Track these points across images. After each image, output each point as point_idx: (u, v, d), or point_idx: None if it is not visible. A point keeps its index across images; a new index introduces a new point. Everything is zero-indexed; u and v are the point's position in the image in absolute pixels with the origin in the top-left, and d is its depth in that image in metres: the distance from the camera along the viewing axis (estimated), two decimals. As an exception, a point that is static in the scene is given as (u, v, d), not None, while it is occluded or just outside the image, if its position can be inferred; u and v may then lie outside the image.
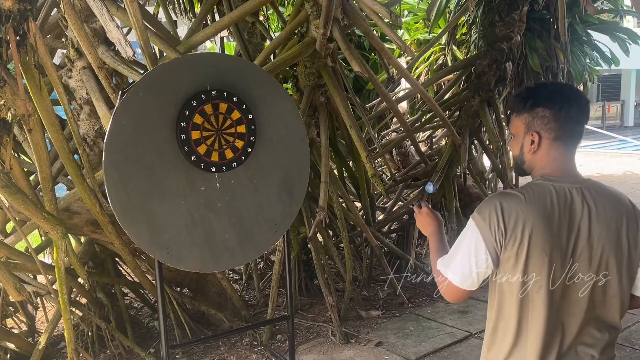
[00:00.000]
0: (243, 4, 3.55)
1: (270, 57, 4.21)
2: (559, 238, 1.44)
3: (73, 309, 3.63)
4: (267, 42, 5.14)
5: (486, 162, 6.71)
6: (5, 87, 2.16)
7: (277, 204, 2.39)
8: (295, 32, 4.04)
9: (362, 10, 3.63)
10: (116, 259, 4.02)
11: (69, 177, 3.42)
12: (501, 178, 5.67)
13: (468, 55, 6.02)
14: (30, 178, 3.42)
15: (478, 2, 5.34)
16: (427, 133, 6.43)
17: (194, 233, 2.19)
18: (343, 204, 4.50)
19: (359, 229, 4.80)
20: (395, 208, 5.74)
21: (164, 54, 3.61)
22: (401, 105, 6.52)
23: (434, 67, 6.80)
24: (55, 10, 3.60)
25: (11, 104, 2.22)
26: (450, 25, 5.84)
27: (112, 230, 3.12)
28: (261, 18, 5.42)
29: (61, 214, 2.97)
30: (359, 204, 5.12)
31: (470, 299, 4.52)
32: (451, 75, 5.96)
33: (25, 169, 3.35)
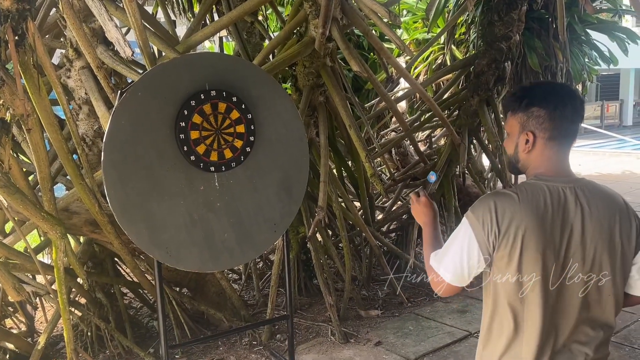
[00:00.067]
0: (242, 4, 3.55)
1: (269, 57, 4.21)
2: (552, 237, 1.45)
3: (72, 309, 3.63)
4: (266, 41, 5.14)
5: (485, 161, 6.72)
6: (4, 87, 2.16)
7: (276, 204, 2.39)
8: (294, 32, 4.04)
9: (361, 10, 3.63)
10: (115, 259, 4.02)
11: (68, 177, 3.42)
12: (500, 177, 5.67)
13: (467, 55, 6.02)
14: (29, 178, 3.42)
15: (477, 2, 5.34)
16: (426, 132, 6.43)
17: (193, 233, 2.19)
18: (342, 204, 4.50)
19: (358, 228, 4.80)
20: (394, 208, 5.74)
21: (162, 53, 3.60)
22: (400, 105, 6.52)
23: (433, 66, 6.80)
24: (54, 10, 3.60)
25: (10, 104, 2.22)
26: (449, 25, 5.84)
27: (111, 230, 3.11)
28: (260, 18, 5.42)
29: (60, 214, 2.97)
30: (358, 204, 5.12)
31: (470, 299, 4.53)
32: (450, 75, 5.96)
33: (24, 169, 3.34)
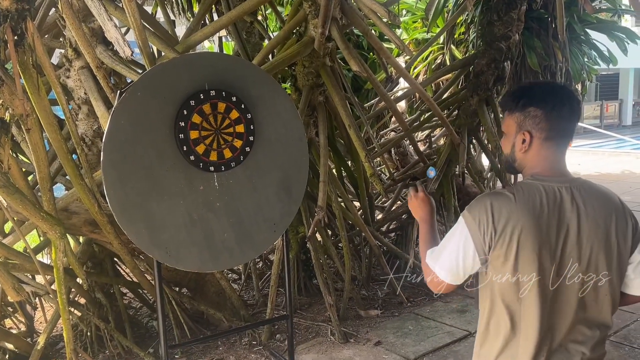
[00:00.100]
0: (241, 4, 3.55)
1: (269, 57, 4.20)
2: (548, 237, 1.46)
3: (72, 309, 3.62)
4: (266, 41, 5.14)
5: (485, 161, 6.71)
6: (4, 86, 2.16)
7: (275, 204, 2.39)
8: (294, 32, 4.04)
9: (360, 10, 3.62)
10: (115, 259, 4.02)
11: (67, 177, 3.42)
12: (500, 177, 5.67)
13: (466, 55, 6.02)
14: (29, 178, 3.42)
15: (476, 2, 5.34)
16: (426, 132, 6.43)
17: (192, 233, 2.19)
18: (342, 204, 4.50)
19: (357, 228, 4.80)
20: (394, 207, 5.74)
21: (162, 53, 3.60)
22: (400, 105, 6.52)
23: (433, 66, 6.80)
24: (53, 10, 3.59)
25: (9, 104, 2.22)
26: (448, 25, 5.84)
27: (111, 230, 3.11)
28: (259, 18, 5.41)
29: (59, 214, 2.96)
30: (357, 204, 5.12)
31: (469, 298, 4.53)
32: (450, 75, 5.96)
33: (24, 169, 3.34)
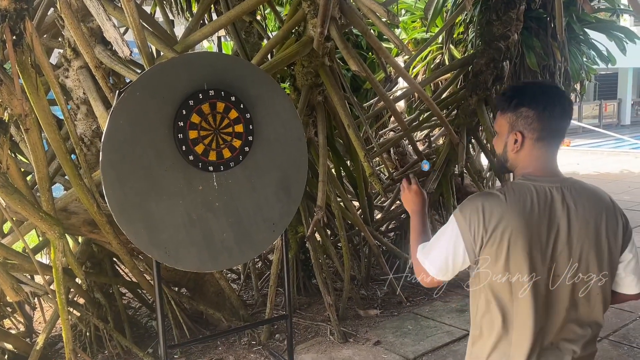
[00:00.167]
0: (240, 3, 3.54)
1: (268, 57, 4.20)
2: (538, 237, 1.47)
3: (71, 309, 3.62)
4: (265, 41, 5.13)
5: (484, 160, 6.72)
6: (2, 86, 2.15)
7: (275, 204, 2.39)
8: (293, 31, 4.04)
9: (359, 9, 3.62)
10: (114, 259, 4.01)
11: (66, 177, 3.41)
12: (499, 177, 5.68)
13: (465, 54, 6.02)
14: (28, 178, 3.41)
15: (475, 1, 5.34)
16: (425, 132, 6.43)
17: (191, 233, 2.19)
18: (341, 203, 4.50)
19: (357, 228, 4.80)
20: (393, 207, 5.74)
21: (161, 53, 3.60)
22: (399, 104, 6.52)
23: (432, 66, 6.80)
24: (51, 10, 3.59)
25: (8, 104, 2.22)
26: (447, 24, 5.84)
27: (110, 230, 3.11)
28: (258, 17, 5.41)
29: (58, 214, 2.96)
30: (357, 203, 5.12)
31: (468, 298, 4.52)
32: (448, 74, 5.96)
33: (22, 169, 3.34)
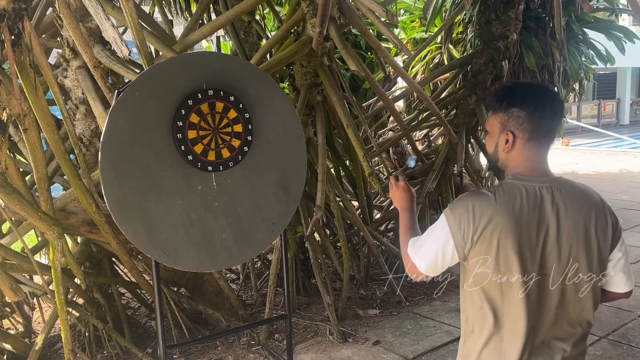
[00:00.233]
0: (239, 3, 3.54)
1: (267, 56, 4.20)
2: (528, 237, 1.48)
3: (70, 310, 3.62)
4: (264, 41, 5.13)
5: (483, 160, 6.72)
6: (1, 86, 2.15)
7: (274, 203, 2.38)
8: (292, 31, 4.03)
9: (358, 9, 3.62)
10: (113, 259, 4.01)
11: (65, 177, 3.41)
12: (497, 176, 5.68)
13: (464, 54, 6.02)
14: (26, 178, 3.41)
15: (474, 1, 5.34)
16: (424, 132, 6.43)
17: (191, 232, 2.18)
18: (340, 203, 4.50)
19: (356, 227, 4.80)
20: (392, 207, 5.74)
21: (160, 53, 3.60)
22: (398, 104, 6.52)
23: (431, 65, 6.81)
24: (50, 10, 3.59)
25: (6, 104, 2.21)
26: (446, 24, 5.84)
27: (109, 230, 3.11)
28: (257, 17, 5.41)
29: (57, 214, 2.96)
30: (356, 203, 5.12)
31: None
32: (447, 74, 5.96)
33: (21, 169, 3.34)
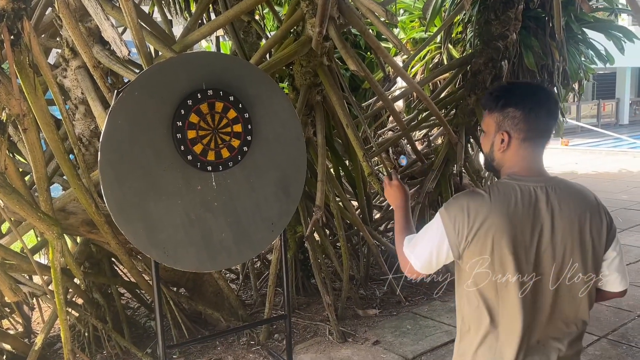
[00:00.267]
0: (239, 3, 3.54)
1: (266, 56, 4.20)
2: (522, 236, 1.49)
3: (69, 310, 3.62)
4: (263, 41, 5.13)
5: (482, 160, 6.72)
6: (0, 86, 2.15)
7: (274, 203, 2.38)
8: (291, 31, 4.03)
9: (358, 9, 3.62)
10: (112, 259, 4.01)
11: (65, 177, 3.40)
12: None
13: (464, 54, 6.02)
14: (26, 178, 3.41)
15: (473, 1, 5.35)
16: (423, 132, 6.43)
17: (190, 232, 2.18)
18: (340, 203, 4.50)
19: (355, 227, 4.80)
20: (391, 207, 5.73)
21: (159, 53, 3.60)
22: (397, 104, 6.52)
23: (430, 65, 6.81)
24: (49, 10, 3.58)
25: (6, 104, 2.21)
26: (445, 24, 5.84)
27: (108, 231, 3.11)
28: (257, 17, 5.41)
29: (57, 214, 2.95)
30: (355, 203, 5.12)
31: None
32: (447, 74, 5.96)
33: (21, 169, 3.33)
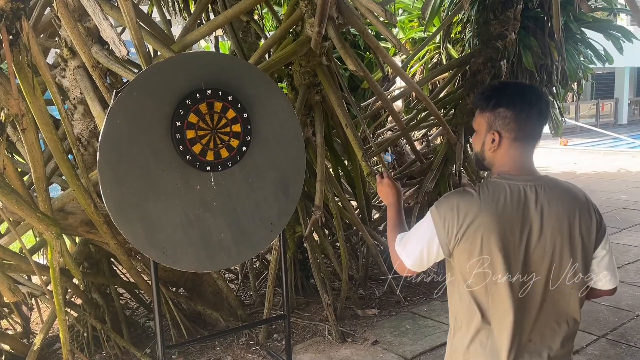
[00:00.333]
0: (237, 3, 3.54)
1: (265, 56, 4.20)
2: (511, 235, 1.50)
3: (68, 310, 3.61)
4: (262, 41, 5.13)
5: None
6: (-2, 86, 2.14)
7: (273, 203, 2.38)
8: (290, 31, 4.03)
9: (357, 9, 3.63)
10: (111, 260, 4.00)
11: (63, 177, 3.40)
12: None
13: (463, 54, 6.02)
14: (24, 178, 3.40)
15: (472, 1, 5.35)
16: (423, 131, 6.44)
17: (189, 232, 2.18)
18: (339, 203, 4.50)
19: (354, 227, 4.80)
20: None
21: (158, 53, 3.59)
22: (396, 104, 6.52)
23: (429, 65, 6.81)
24: (48, 9, 3.58)
25: (4, 104, 2.21)
26: (444, 24, 5.85)
27: (107, 231, 3.10)
28: (256, 17, 5.41)
29: (55, 214, 2.95)
30: (354, 203, 5.12)
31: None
32: (446, 74, 5.96)
33: (19, 169, 3.33)
